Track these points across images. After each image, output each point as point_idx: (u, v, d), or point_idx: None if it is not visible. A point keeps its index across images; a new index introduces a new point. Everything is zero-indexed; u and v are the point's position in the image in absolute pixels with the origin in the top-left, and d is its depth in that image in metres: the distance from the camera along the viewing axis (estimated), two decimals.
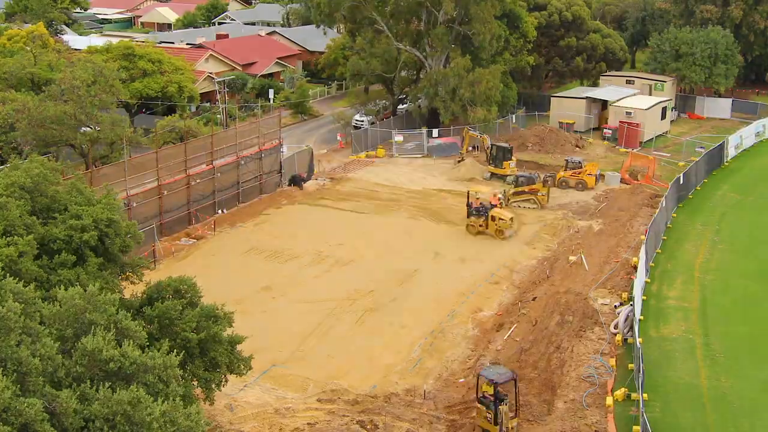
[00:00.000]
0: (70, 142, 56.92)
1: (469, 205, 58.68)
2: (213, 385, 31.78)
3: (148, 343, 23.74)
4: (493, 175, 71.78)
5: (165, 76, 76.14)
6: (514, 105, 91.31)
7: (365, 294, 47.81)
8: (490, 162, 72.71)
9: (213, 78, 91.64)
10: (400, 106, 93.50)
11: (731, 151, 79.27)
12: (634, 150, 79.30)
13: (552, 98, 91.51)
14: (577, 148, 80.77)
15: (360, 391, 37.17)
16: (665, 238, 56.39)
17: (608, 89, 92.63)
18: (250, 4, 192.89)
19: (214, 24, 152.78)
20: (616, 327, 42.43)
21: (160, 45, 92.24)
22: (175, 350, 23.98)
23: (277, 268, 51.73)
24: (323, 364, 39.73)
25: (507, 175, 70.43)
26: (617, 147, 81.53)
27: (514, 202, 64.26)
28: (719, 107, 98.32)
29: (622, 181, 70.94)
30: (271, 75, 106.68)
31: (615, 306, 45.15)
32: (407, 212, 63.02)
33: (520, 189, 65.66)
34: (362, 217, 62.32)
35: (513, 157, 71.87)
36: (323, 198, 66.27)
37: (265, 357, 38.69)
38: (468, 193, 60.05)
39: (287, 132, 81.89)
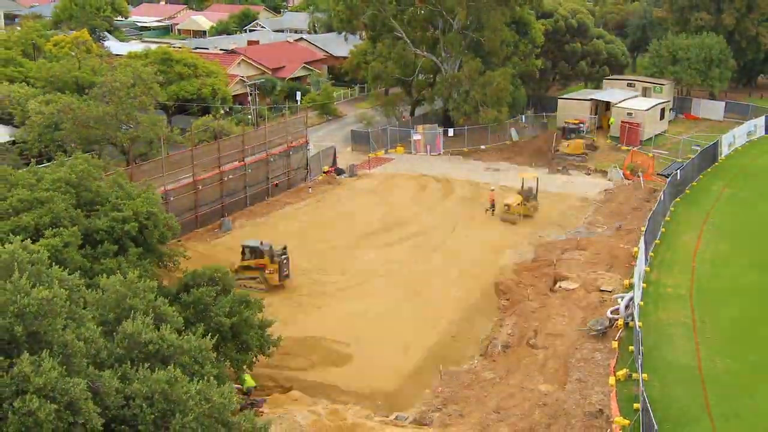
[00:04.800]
0: (111, 140, 57.02)
1: None
2: (244, 366, 31.87)
3: (183, 328, 23.72)
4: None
5: (199, 79, 76.09)
6: (523, 106, 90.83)
7: None
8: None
9: (244, 81, 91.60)
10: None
11: (725, 150, 78.76)
12: (635, 148, 78.79)
13: (559, 100, 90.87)
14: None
15: None
16: (664, 229, 55.97)
17: (611, 92, 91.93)
18: (279, 12, 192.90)
19: (245, 31, 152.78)
20: (613, 313, 42.10)
21: (196, 50, 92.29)
22: (209, 333, 23.97)
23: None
24: None
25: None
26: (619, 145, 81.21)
27: (239, 279, 41.92)
28: (713, 108, 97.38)
29: (624, 176, 70.60)
30: (298, 78, 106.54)
31: (616, 297, 44.77)
32: None
33: (245, 263, 46.51)
34: None
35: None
36: None
37: None
38: None
39: (313, 131, 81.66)
